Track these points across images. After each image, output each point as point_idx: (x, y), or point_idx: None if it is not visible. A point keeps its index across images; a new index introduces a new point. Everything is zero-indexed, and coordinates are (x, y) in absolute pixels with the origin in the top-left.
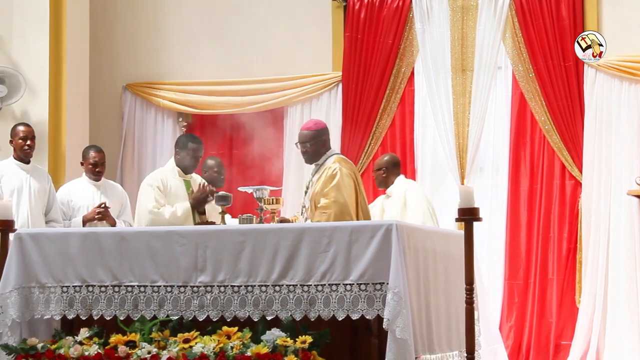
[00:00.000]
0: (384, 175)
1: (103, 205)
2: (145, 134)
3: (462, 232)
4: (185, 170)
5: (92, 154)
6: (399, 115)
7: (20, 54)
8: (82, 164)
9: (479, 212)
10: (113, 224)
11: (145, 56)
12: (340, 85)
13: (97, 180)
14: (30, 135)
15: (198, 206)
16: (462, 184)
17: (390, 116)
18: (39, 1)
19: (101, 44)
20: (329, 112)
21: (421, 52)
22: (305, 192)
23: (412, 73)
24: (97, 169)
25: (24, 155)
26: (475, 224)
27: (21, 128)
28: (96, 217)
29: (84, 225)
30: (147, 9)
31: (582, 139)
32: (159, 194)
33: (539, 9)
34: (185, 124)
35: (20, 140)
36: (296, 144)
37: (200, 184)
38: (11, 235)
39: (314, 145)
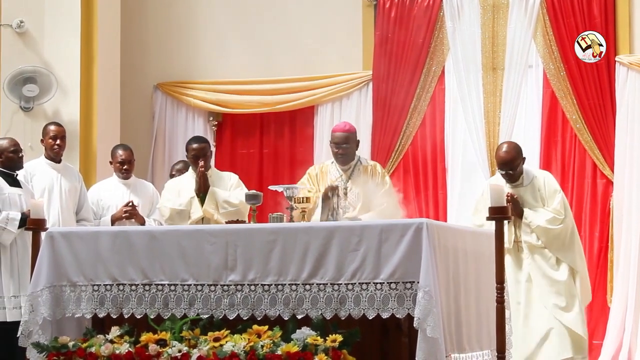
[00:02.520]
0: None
1: (131, 204)
2: (176, 133)
3: (493, 230)
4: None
5: (119, 152)
6: (430, 114)
7: (52, 53)
8: (111, 163)
9: (509, 210)
10: (142, 223)
11: (176, 55)
12: (371, 84)
13: (127, 178)
14: (60, 135)
15: (199, 189)
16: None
17: (421, 115)
18: (70, 1)
19: (132, 44)
20: (360, 111)
21: (452, 50)
22: (345, 194)
23: (443, 72)
24: (124, 167)
25: (53, 155)
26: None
27: (52, 127)
28: (124, 215)
29: (112, 224)
30: (178, 8)
31: (614, 137)
32: (169, 193)
33: (570, 7)
34: (216, 123)
35: (50, 140)
36: (332, 144)
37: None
38: (43, 234)
39: (354, 145)
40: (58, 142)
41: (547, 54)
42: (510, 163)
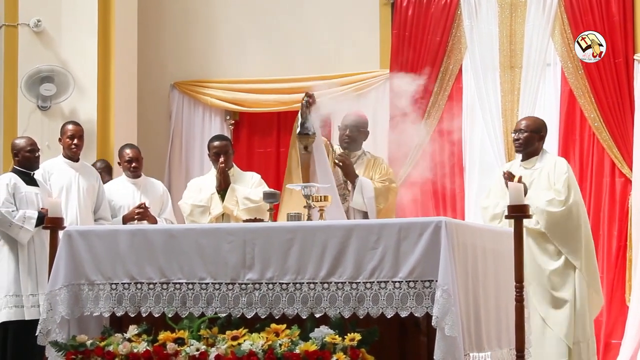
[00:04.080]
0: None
1: (142, 206)
2: (193, 132)
3: (512, 229)
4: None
5: (126, 151)
6: (447, 112)
7: (69, 52)
8: (119, 164)
9: (529, 209)
10: (154, 224)
11: (193, 54)
12: (388, 83)
13: (136, 177)
14: (77, 135)
15: (219, 185)
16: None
17: (438, 113)
18: (87, 0)
19: (149, 43)
20: (377, 109)
21: (469, 49)
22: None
23: (460, 70)
24: (133, 165)
25: (71, 154)
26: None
27: (69, 127)
28: (136, 217)
29: (124, 224)
30: (195, 7)
31: (632, 136)
32: (190, 191)
33: (588, 5)
34: (233, 122)
35: (68, 139)
36: (340, 127)
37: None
38: (60, 233)
39: (363, 133)
40: (75, 141)
41: (565, 52)
42: (525, 126)
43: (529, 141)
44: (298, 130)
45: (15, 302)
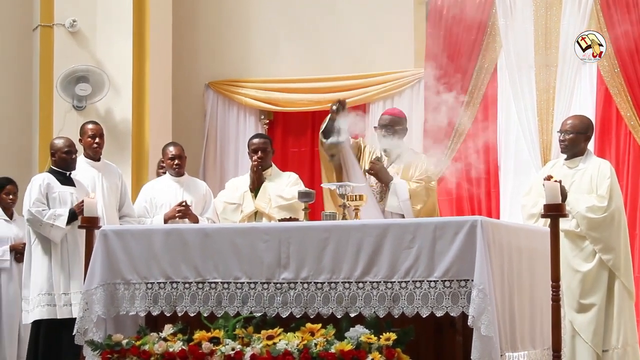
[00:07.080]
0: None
1: (184, 204)
2: (228, 132)
3: (548, 228)
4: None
5: (170, 149)
6: (482, 111)
7: (104, 53)
8: (162, 161)
9: (565, 208)
10: (195, 222)
11: (228, 54)
12: (423, 82)
13: (179, 175)
14: (98, 133)
15: (252, 183)
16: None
17: (473, 112)
18: (122, 0)
19: (184, 43)
20: (411, 108)
21: (504, 47)
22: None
23: (495, 69)
24: (176, 162)
25: (93, 153)
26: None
27: (89, 126)
28: (177, 215)
29: (165, 223)
30: (229, 7)
31: None
32: (227, 189)
33: (624, 3)
34: (267, 121)
35: (89, 139)
36: (376, 127)
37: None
38: (96, 232)
39: (403, 130)
40: (97, 140)
41: None
42: (571, 127)
43: (575, 142)
44: (321, 136)
45: (48, 300)
